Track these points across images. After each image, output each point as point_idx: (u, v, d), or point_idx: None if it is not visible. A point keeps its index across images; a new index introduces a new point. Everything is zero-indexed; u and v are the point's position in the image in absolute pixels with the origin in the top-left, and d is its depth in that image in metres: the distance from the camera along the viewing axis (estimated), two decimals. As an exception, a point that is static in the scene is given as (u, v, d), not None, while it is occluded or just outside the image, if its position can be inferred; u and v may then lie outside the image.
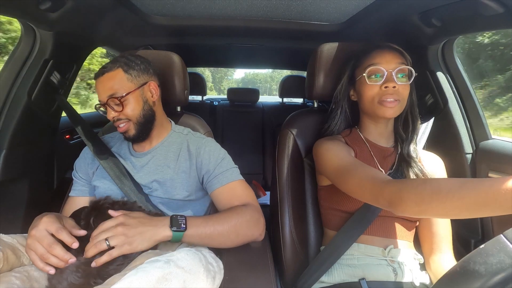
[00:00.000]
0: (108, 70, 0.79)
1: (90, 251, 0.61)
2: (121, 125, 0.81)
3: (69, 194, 0.91)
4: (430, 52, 1.11)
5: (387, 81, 0.75)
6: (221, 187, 0.82)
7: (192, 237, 0.69)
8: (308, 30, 1.24)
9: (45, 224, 0.63)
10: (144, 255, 0.61)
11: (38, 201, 1.11)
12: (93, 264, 0.60)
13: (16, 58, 0.99)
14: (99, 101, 0.81)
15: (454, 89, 1.12)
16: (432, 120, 0.92)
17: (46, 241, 0.61)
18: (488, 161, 1.01)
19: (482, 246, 0.30)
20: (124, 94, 0.78)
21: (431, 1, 0.86)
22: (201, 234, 0.69)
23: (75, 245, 0.62)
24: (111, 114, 0.79)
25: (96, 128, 1.05)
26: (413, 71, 0.77)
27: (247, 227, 0.75)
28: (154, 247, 0.68)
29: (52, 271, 0.61)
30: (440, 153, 0.91)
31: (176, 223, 0.67)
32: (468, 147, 1.08)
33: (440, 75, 1.12)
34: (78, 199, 0.90)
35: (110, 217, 0.66)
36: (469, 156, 1.07)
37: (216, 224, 0.71)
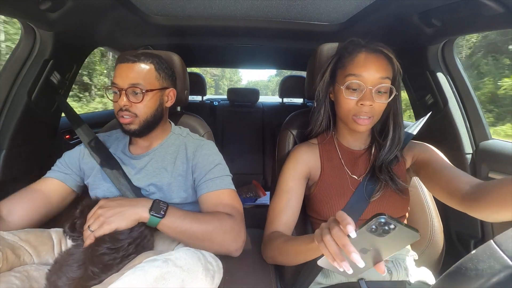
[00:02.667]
0: (140, 60, 0.80)
1: (85, 242, 0.66)
2: (126, 117, 0.79)
3: (47, 175, 0.86)
4: (430, 52, 1.11)
5: (364, 98, 0.70)
6: (208, 192, 0.80)
7: (167, 227, 0.68)
8: (308, 30, 1.24)
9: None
10: (143, 255, 0.62)
11: None
12: (84, 246, 0.65)
13: (16, 58, 1.00)
14: (114, 84, 0.79)
15: (454, 89, 1.12)
16: (428, 115, 0.92)
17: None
18: (488, 161, 1.01)
19: (473, 252, 0.31)
20: (148, 89, 0.79)
21: (431, 1, 0.86)
22: (176, 227, 0.68)
23: None
24: (123, 102, 0.77)
25: (95, 128, 1.05)
26: (394, 89, 0.73)
27: (224, 238, 0.72)
28: (150, 239, 0.69)
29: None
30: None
31: (157, 208, 0.68)
32: (468, 147, 1.08)
33: (440, 75, 1.13)
34: (55, 182, 0.84)
35: None
36: (469, 156, 1.08)
37: (193, 223, 0.69)
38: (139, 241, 0.66)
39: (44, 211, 0.80)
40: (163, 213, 0.67)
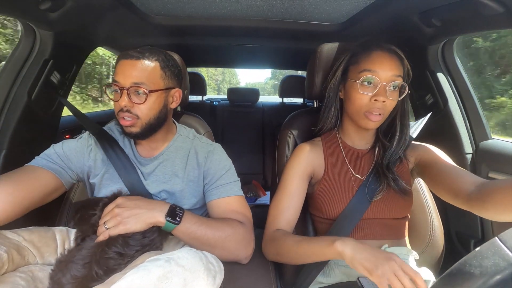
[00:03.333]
0: (144, 57, 0.73)
1: (99, 237, 0.65)
2: (127, 118, 0.73)
3: (39, 164, 0.75)
4: (430, 52, 1.11)
5: (378, 94, 0.71)
6: (218, 199, 0.80)
7: (182, 232, 0.69)
8: (308, 30, 1.24)
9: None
10: (145, 255, 0.62)
11: None
12: (95, 241, 0.65)
13: (16, 58, 1.00)
14: (115, 81, 0.72)
15: (454, 89, 1.12)
16: (428, 116, 0.92)
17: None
18: (488, 161, 1.01)
19: (477, 249, 0.30)
20: (152, 89, 0.73)
21: (431, 1, 0.86)
22: (191, 233, 0.69)
23: None
24: (124, 102, 0.71)
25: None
26: (407, 87, 0.74)
27: (236, 246, 0.73)
28: (159, 247, 0.69)
29: None
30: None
31: (173, 214, 0.68)
32: (468, 147, 1.08)
33: (440, 75, 1.13)
34: (49, 176, 0.74)
35: None
36: (469, 156, 1.08)
37: (208, 229, 0.70)
38: (147, 249, 0.66)
39: (25, 206, 0.70)
40: (179, 219, 0.68)
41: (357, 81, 0.73)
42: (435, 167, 0.74)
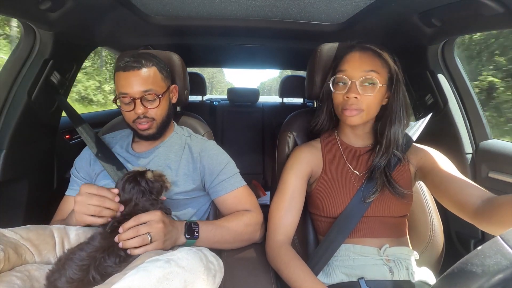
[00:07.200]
0: (144, 66, 0.79)
1: (132, 241, 0.63)
2: (144, 123, 0.81)
3: (67, 193, 0.89)
4: (430, 52, 1.11)
5: (348, 91, 0.75)
6: (225, 194, 0.84)
7: (202, 242, 0.74)
8: (308, 30, 1.24)
9: (85, 189, 0.67)
10: (145, 255, 0.61)
11: (38, 201, 1.11)
12: (133, 252, 0.64)
13: (16, 58, 1.00)
14: (125, 93, 0.78)
15: (454, 89, 1.12)
16: (428, 116, 0.91)
17: (95, 199, 0.66)
18: (488, 161, 1.01)
19: (479, 247, 0.30)
20: (161, 93, 0.81)
21: (431, 1, 0.86)
22: (210, 240, 0.76)
23: (117, 198, 0.68)
24: (140, 110, 0.78)
25: (96, 128, 1.05)
26: (378, 82, 0.74)
27: (250, 234, 0.82)
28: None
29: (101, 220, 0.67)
30: (440, 153, 0.91)
31: (190, 231, 0.73)
32: (468, 147, 1.08)
33: (440, 75, 1.13)
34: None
35: None
36: (469, 156, 1.08)
37: (224, 232, 0.77)
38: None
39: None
40: (197, 234, 0.73)
41: (329, 82, 0.80)
42: (437, 175, 0.74)
